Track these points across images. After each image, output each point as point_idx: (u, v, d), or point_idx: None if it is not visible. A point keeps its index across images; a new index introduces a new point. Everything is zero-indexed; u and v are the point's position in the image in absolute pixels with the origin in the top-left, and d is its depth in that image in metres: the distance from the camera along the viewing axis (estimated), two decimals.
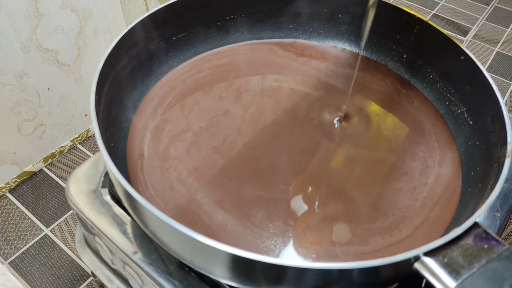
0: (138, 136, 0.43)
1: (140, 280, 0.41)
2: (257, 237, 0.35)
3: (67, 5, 0.78)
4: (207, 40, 0.52)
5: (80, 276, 0.77)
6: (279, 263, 0.26)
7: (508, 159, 0.34)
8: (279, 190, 0.39)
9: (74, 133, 0.96)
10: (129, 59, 0.44)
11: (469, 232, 0.30)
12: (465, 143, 0.43)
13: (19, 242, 0.81)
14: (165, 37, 0.48)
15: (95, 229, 0.42)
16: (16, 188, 0.89)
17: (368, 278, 0.30)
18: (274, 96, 0.47)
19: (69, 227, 0.83)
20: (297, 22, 0.54)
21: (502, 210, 0.45)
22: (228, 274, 0.31)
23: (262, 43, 0.54)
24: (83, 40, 0.85)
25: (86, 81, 0.91)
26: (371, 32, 0.52)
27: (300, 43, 0.54)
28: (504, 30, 1.44)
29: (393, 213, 0.38)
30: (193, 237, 0.27)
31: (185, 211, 0.37)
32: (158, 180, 0.39)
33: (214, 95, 0.47)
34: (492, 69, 1.28)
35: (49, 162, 0.94)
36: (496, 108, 0.38)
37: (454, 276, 0.28)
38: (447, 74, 0.47)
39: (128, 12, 0.94)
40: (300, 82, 0.49)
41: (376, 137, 0.44)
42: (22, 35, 0.74)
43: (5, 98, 0.77)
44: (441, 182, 0.40)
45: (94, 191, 0.44)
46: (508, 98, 1.19)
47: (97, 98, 0.36)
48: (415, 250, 0.28)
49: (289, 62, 0.52)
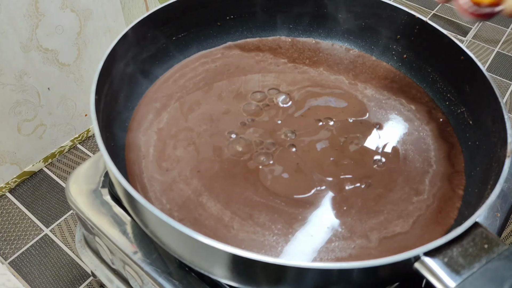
0: (138, 136, 0.43)
1: (140, 280, 0.41)
2: (260, 236, 0.35)
3: (67, 5, 0.78)
4: (207, 40, 0.52)
5: (80, 276, 0.77)
6: (279, 263, 0.26)
7: (508, 159, 0.34)
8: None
9: (74, 133, 0.96)
10: (129, 59, 0.44)
11: (469, 232, 0.30)
12: (465, 143, 0.43)
13: (19, 242, 0.81)
14: (165, 37, 0.48)
15: (95, 229, 0.42)
16: (16, 188, 0.89)
17: (368, 278, 0.30)
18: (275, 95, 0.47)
19: (69, 227, 0.83)
20: (297, 22, 0.54)
21: (502, 210, 0.45)
22: (228, 274, 0.31)
23: (262, 42, 0.54)
24: (83, 40, 0.85)
25: (86, 81, 0.91)
26: (371, 32, 0.52)
27: (300, 42, 0.54)
28: (504, 30, 1.44)
29: (392, 210, 0.38)
30: (193, 237, 0.27)
31: (188, 210, 0.37)
32: (158, 180, 0.39)
33: (214, 95, 0.47)
34: (492, 69, 1.28)
35: (49, 162, 0.94)
36: (496, 108, 0.38)
37: (454, 276, 0.28)
38: (447, 74, 0.47)
39: (128, 12, 0.94)
40: (298, 83, 0.49)
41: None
42: (22, 35, 0.74)
43: (5, 98, 0.77)
44: (441, 182, 0.40)
45: (94, 191, 0.44)
46: (508, 98, 1.19)
47: (97, 98, 0.36)
48: (415, 250, 0.28)
49: (289, 62, 0.52)
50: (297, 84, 0.49)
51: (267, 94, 0.47)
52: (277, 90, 0.48)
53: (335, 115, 0.46)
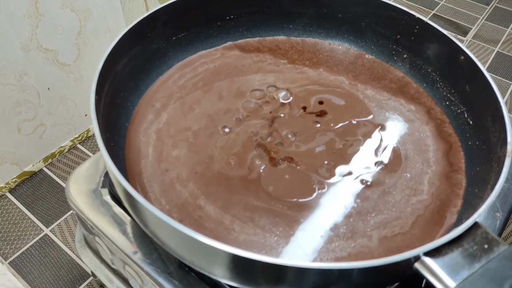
0: (138, 136, 0.43)
1: (140, 280, 0.41)
2: (261, 238, 0.35)
3: (67, 5, 0.78)
4: (207, 40, 0.52)
5: (80, 276, 0.77)
6: (279, 263, 0.26)
7: (508, 159, 0.34)
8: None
9: (74, 133, 0.96)
10: (129, 59, 0.44)
11: (469, 232, 0.30)
12: (465, 143, 0.43)
13: (19, 242, 0.81)
14: (165, 37, 0.48)
15: (95, 229, 0.42)
16: (16, 188, 0.89)
17: (368, 278, 0.30)
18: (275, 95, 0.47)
19: (69, 227, 0.83)
20: (297, 22, 0.54)
21: (502, 210, 0.45)
22: (228, 274, 0.31)
23: (262, 42, 0.54)
24: (83, 40, 0.85)
25: (86, 81, 0.91)
26: (371, 32, 0.52)
27: (300, 43, 0.54)
28: (504, 30, 1.44)
29: (392, 210, 0.38)
30: (193, 237, 0.27)
31: (187, 212, 0.37)
32: (158, 181, 0.39)
33: (214, 95, 0.47)
34: (492, 69, 1.28)
35: (49, 162, 0.94)
36: (496, 108, 0.38)
37: (454, 276, 0.28)
38: (447, 74, 0.47)
39: (128, 12, 0.94)
40: (297, 82, 0.49)
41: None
42: (22, 35, 0.74)
43: (5, 98, 0.77)
44: (441, 182, 0.40)
45: (94, 191, 0.44)
46: (508, 98, 1.19)
47: (97, 98, 0.36)
48: (415, 250, 0.28)
49: (288, 63, 0.52)
50: (296, 83, 0.49)
51: (266, 91, 0.47)
52: (275, 88, 0.48)
53: (336, 115, 0.46)
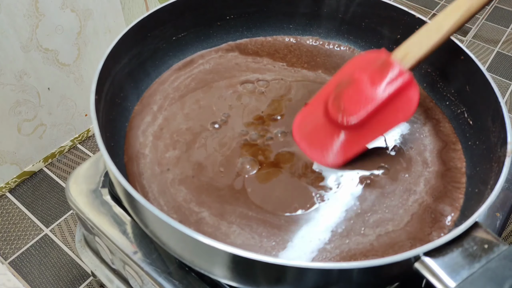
0: (138, 136, 0.42)
1: (140, 280, 0.41)
2: (258, 242, 0.35)
3: (67, 5, 0.78)
4: (207, 40, 0.52)
5: (80, 276, 0.77)
6: (279, 263, 0.26)
7: (508, 159, 0.34)
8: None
9: (74, 133, 0.96)
10: (129, 59, 0.44)
11: (469, 232, 0.30)
12: (465, 143, 0.43)
13: (19, 242, 0.81)
14: (165, 37, 0.48)
15: (95, 229, 0.42)
16: (16, 188, 0.89)
17: (368, 278, 0.30)
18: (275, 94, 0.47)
19: (69, 227, 0.83)
20: (297, 22, 0.54)
21: (502, 210, 0.45)
22: (228, 274, 0.31)
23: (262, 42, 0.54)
24: (83, 40, 0.85)
25: (86, 81, 0.91)
26: (371, 32, 0.52)
27: (299, 42, 0.54)
28: (504, 30, 1.44)
29: (392, 210, 0.38)
30: (193, 237, 0.27)
31: (184, 216, 0.37)
32: (156, 182, 0.39)
33: (214, 95, 0.47)
34: (492, 69, 1.28)
35: (49, 162, 0.94)
36: (496, 108, 0.38)
37: (454, 276, 0.28)
38: (447, 74, 0.47)
39: (128, 12, 0.94)
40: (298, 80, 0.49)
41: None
42: (22, 35, 0.74)
43: (5, 98, 0.77)
44: (441, 182, 0.40)
45: (94, 191, 0.44)
46: (508, 98, 1.19)
47: (97, 98, 0.36)
48: (415, 250, 0.28)
49: (288, 66, 0.52)
50: (295, 82, 0.49)
51: (266, 91, 0.47)
52: (267, 82, 0.48)
53: None
